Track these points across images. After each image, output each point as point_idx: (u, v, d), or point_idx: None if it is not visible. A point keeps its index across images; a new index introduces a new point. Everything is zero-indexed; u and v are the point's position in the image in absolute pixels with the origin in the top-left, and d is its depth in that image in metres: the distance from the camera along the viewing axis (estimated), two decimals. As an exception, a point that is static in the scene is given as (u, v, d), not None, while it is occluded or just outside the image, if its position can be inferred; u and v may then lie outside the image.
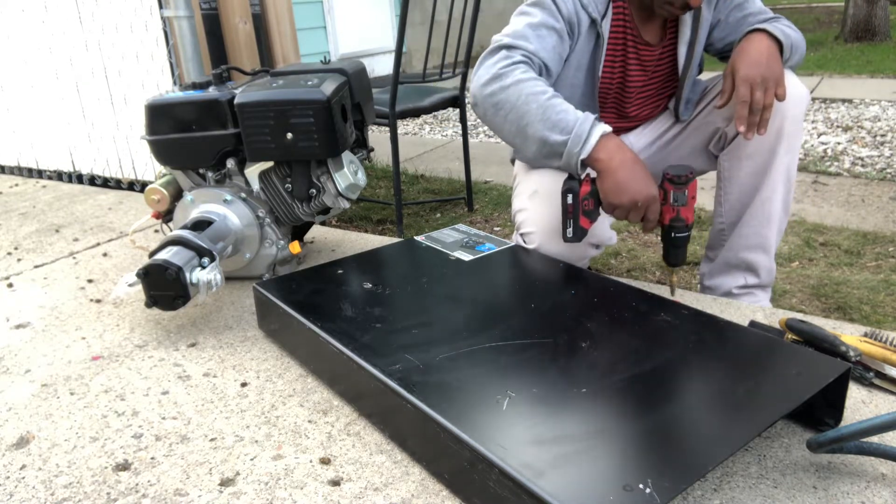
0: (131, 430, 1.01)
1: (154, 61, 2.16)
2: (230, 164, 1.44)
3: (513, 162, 1.58)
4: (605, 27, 1.29)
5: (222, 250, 1.37)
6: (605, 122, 1.20)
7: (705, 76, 1.46)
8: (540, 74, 1.24)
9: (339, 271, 1.29)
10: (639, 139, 1.51)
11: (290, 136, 1.35)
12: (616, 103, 1.42)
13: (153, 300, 1.24)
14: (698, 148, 1.46)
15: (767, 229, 1.40)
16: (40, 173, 2.68)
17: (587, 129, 1.15)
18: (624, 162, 1.15)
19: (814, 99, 4.38)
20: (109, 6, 2.18)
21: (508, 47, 1.23)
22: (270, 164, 1.46)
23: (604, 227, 1.38)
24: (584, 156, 1.16)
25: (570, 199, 1.20)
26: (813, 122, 3.87)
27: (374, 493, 0.85)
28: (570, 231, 1.23)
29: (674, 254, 1.25)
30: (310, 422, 1.01)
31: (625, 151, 1.16)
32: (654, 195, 1.16)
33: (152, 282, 1.22)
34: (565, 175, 1.22)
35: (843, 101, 4.36)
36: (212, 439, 0.98)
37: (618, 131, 1.44)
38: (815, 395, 0.85)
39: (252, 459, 0.93)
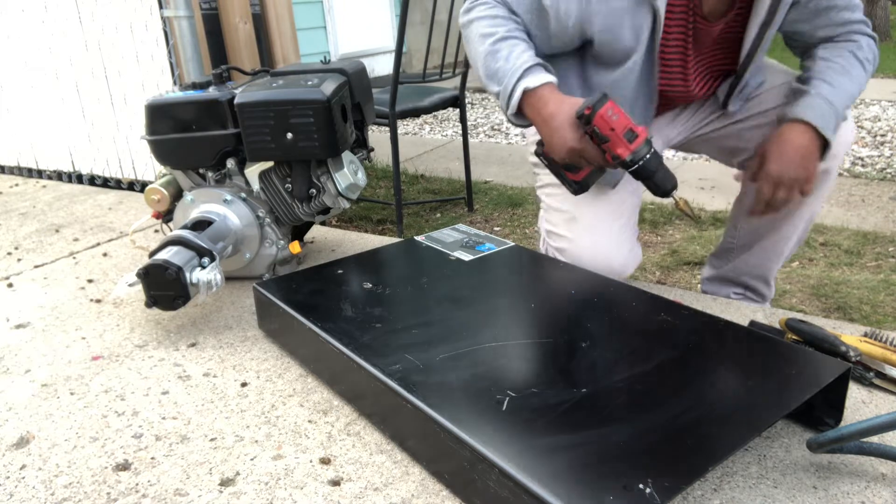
0: (131, 430, 1.01)
1: (154, 61, 2.16)
2: (230, 164, 1.44)
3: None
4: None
5: (222, 250, 1.37)
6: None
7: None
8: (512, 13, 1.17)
9: (339, 271, 1.29)
10: (673, 128, 1.37)
11: (290, 136, 1.35)
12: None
13: (153, 300, 1.24)
14: (724, 151, 1.39)
15: (775, 264, 1.38)
16: (40, 173, 2.68)
17: (511, 84, 1.10)
18: (545, 118, 1.09)
19: (814, 99, 4.37)
20: (109, 6, 2.18)
21: None
22: (270, 164, 1.46)
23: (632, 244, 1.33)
24: (511, 112, 1.12)
25: (543, 161, 1.19)
26: (813, 122, 3.87)
27: (374, 493, 0.85)
28: (567, 186, 1.21)
29: (648, 187, 1.12)
30: (310, 422, 1.01)
31: (545, 104, 1.09)
32: (573, 146, 1.08)
33: (152, 282, 1.22)
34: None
35: (843, 101, 4.35)
36: (212, 439, 0.98)
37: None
38: (815, 395, 0.85)
39: (252, 459, 0.93)
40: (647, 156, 1.07)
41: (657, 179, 1.09)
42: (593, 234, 1.28)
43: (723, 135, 1.35)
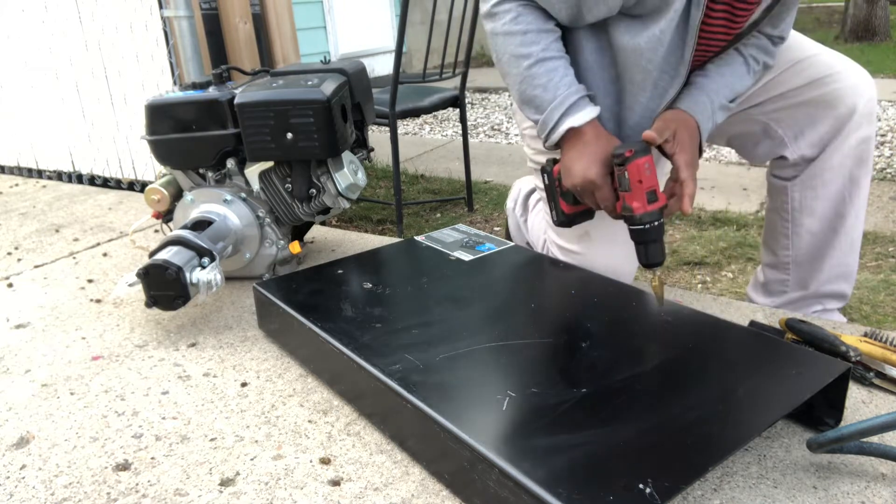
0: (131, 430, 1.01)
1: (154, 61, 2.16)
2: (230, 164, 1.44)
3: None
4: None
5: (222, 250, 1.37)
6: None
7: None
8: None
9: (339, 271, 1.29)
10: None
11: (290, 136, 1.35)
12: None
13: (153, 300, 1.24)
14: (742, 138, 1.29)
15: (852, 257, 1.28)
16: (40, 173, 2.68)
17: (554, 119, 1.08)
18: (578, 147, 1.07)
19: (814, 99, 4.37)
20: (109, 6, 2.18)
21: None
22: (270, 164, 1.46)
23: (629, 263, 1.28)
24: (549, 145, 1.12)
25: (545, 179, 1.16)
26: (813, 122, 3.87)
27: (374, 493, 0.85)
28: (553, 214, 1.18)
29: (637, 251, 1.07)
30: (310, 422, 1.01)
31: (583, 135, 1.07)
32: (592, 179, 1.05)
33: (152, 282, 1.22)
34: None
35: (843, 101, 4.34)
36: (212, 439, 0.98)
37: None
38: (815, 395, 0.85)
39: (252, 459, 0.93)
40: (656, 223, 1.04)
41: (651, 249, 1.06)
42: (608, 254, 1.26)
43: (738, 120, 1.27)
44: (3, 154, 2.78)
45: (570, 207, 1.17)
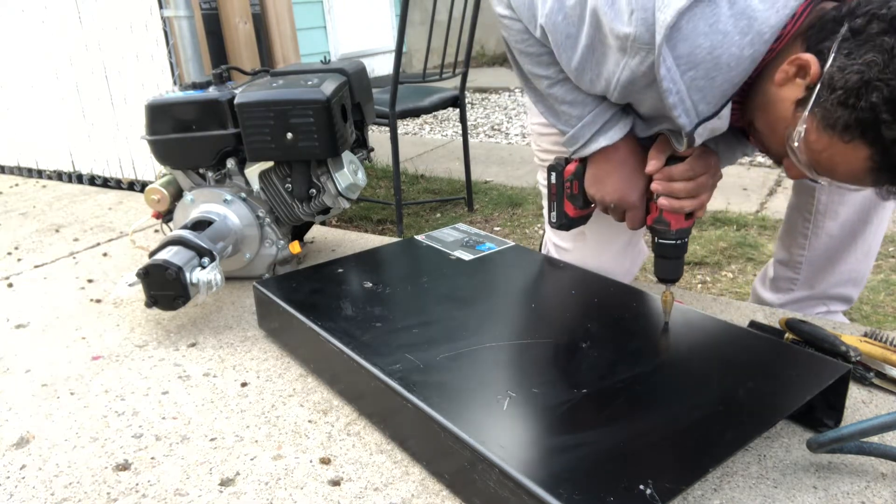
0: (131, 430, 1.01)
1: (154, 61, 2.16)
2: (230, 164, 1.44)
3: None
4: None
5: (222, 250, 1.37)
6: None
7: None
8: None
9: (339, 270, 1.29)
10: None
11: (290, 136, 1.35)
12: None
13: (153, 300, 1.24)
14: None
15: (866, 264, 1.28)
16: (40, 173, 2.68)
17: (587, 136, 1.03)
18: (610, 158, 1.03)
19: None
20: (109, 6, 2.18)
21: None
22: (270, 164, 1.46)
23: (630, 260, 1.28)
24: (578, 157, 1.08)
25: (553, 178, 1.12)
26: (813, 122, 3.86)
27: (374, 493, 0.85)
28: (553, 216, 1.15)
29: (659, 265, 1.04)
30: (310, 422, 1.01)
31: (618, 149, 1.02)
32: (633, 201, 1.03)
33: (152, 282, 1.22)
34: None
35: (843, 101, 4.33)
36: (212, 439, 0.98)
37: None
38: (815, 396, 0.85)
39: (252, 459, 0.93)
40: (685, 240, 1.02)
41: (674, 265, 1.04)
42: (601, 254, 1.26)
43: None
44: (3, 154, 2.78)
45: (575, 211, 1.14)
